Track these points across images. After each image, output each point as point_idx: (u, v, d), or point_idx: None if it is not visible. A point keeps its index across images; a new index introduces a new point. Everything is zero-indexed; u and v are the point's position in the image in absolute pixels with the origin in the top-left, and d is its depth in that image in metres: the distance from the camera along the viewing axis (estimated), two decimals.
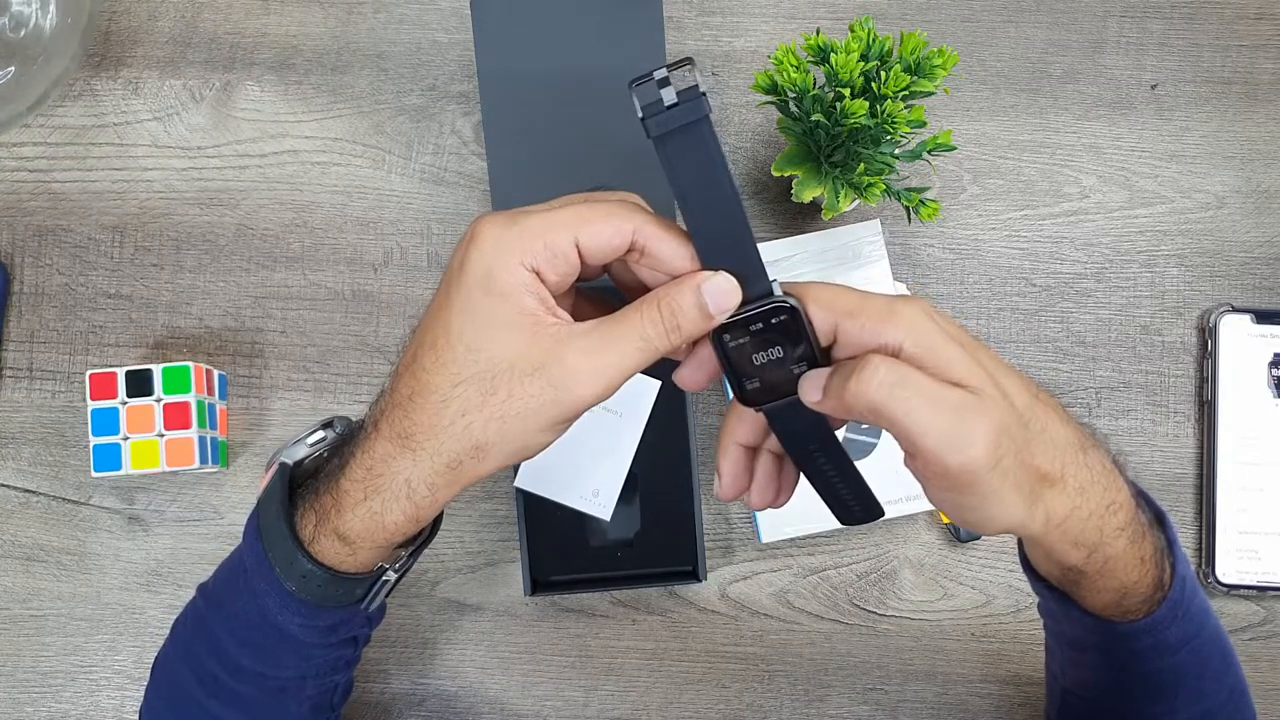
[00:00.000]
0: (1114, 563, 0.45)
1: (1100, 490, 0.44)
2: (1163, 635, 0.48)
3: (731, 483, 0.46)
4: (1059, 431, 0.43)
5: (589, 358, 0.42)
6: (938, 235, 0.76)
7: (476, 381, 0.42)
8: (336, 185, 0.75)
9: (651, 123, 0.40)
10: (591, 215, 0.42)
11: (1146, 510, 0.48)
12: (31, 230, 0.75)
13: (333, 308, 0.75)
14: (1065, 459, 0.43)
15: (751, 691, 0.73)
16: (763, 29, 0.77)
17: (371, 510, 0.46)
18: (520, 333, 0.42)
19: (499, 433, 0.43)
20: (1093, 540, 0.44)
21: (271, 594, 0.50)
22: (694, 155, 0.40)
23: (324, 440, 0.54)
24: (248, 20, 0.76)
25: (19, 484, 0.74)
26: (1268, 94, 0.77)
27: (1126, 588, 0.47)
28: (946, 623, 0.74)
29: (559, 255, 0.42)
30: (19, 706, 0.73)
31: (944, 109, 0.76)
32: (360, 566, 0.49)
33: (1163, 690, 0.51)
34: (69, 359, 0.75)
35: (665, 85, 0.40)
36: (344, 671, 0.56)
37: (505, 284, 0.42)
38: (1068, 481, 0.43)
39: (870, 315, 0.41)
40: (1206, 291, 0.76)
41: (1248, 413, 0.73)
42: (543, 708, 0.73)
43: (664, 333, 0.42)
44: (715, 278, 0.42)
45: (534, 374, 0.42)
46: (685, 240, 0.43)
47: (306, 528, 0.49)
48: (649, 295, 0.43)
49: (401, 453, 0.44)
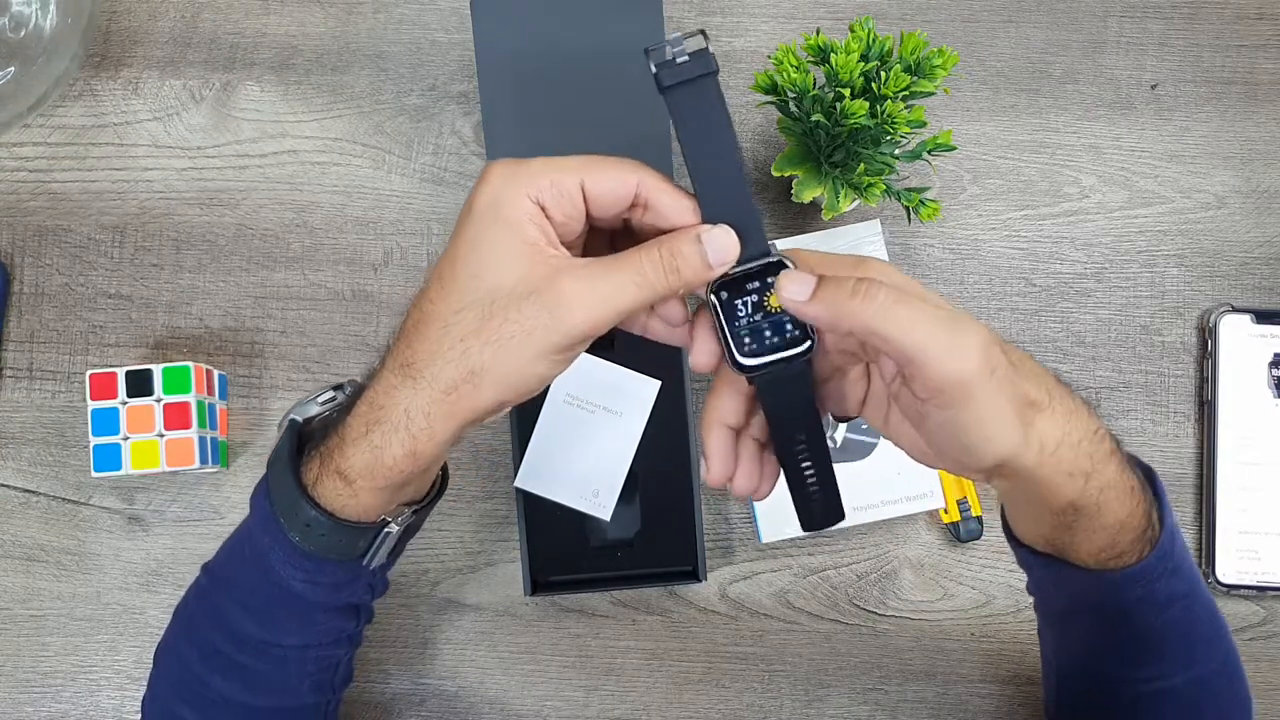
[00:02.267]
0: (1108, 492, 0.46)
1: (1085, 417, 0.46)
2: (1152, 587, 0.49)
3: (720, 465, 0.47)
4: (1031, 366, 0.45)
5: (585, 285, 0.43)
6: (938, 235, 0.76)
7: (476, 307, 0.43)
8: (336, 185, 0.76)
9: (664, 73, 0.42)
10: (598, 163, 0.44)
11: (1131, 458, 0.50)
12: (31, 230, 0.75)
13: (333, 308, 0.75)
14: (1049, 385, 0.45)
15: (751, 691, 0.73)
16: (763, 29, 0.77)
17: (372, 444, 0.47)
18: (520, 259, 0.43)
19: (494, 357, 0.43)
20: (1085, 467, 0.45)
21: (276, 549, 0.50)
22: (702, 108, 0.43)
23: (334, 400, 0.55)
24: (248, 20, 0.76)
25: (19, 484, 0.74)
26: (1268, 94, 0.77)
27: (1121, 522, 0.47)
28: (946, 623, 0.74)
29: (564, 194, 0.43)
30: (19, 706, 0.73)
31: (944, 109, 0.76)
32: (362, 511, 0.49)
33: (1151, 650, 0.51)
34: (69, 359, 0.75)
35: (678, 46, 0.42)
36: (345, 647, 0.57)
37: (510, 213, 0.43)
38: (1055, 407, 0.44)
39: (843, 268, 0.44)
40: (1206, 291, 0.76)
41: (1248, 413, 0.73)
42: (543, 708, 0.73)
43: (663, 274, 0.43)
44: (717, 229, 0.43)
45: (528, 297, 0.43)
46: (687, 197, 0.44)
47: (310, 472, 0.49)
48: (651, 240, 0.44)
49: (403, 382, 0.45)
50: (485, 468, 0.74)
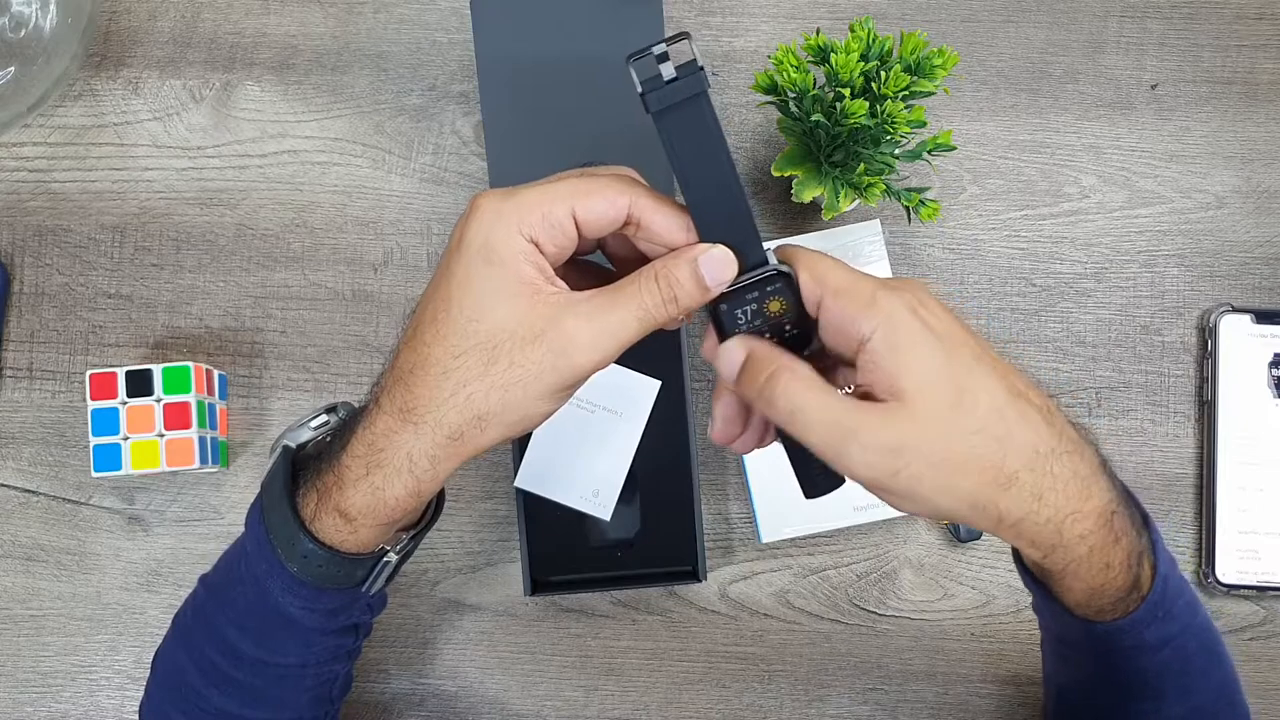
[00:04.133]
0: (1075, 565, 0.45)
1: (1061, 498, 0.43)
2: (1142, 635, 0.48)
3: (724, 427, 0.48)
4: (1025, 436, 0.43)
5: (588, 324, 0.43)
6: (938, 235, 0.76)
7: (477, 352, 0.43)
8: (336, 185, 0.76)
9: (651, 98, 0.41)
10: (588, 188, 0.43)
11: (1135, 513, 0.48)
12: (31, 230, 0.75)
13: (333, 308, 0.75)
14: (1021, 464, 0.42)
15: (751, 691, 0.73)
16: (763, 29, 0.77)
17: (373, 485, 0.46)
18: (519, 300, 0.42)
19: (500, 402, 0.43)
20: (1049, 542, 0.44)
21: (273, 576, 0.50)
22: (692, 129, 0.41)
23: (327, 424, 0.54)
24: (248, 20, 0.76)
25: (19, 484, 0.74)
26: (1268, 94, 0.77)
27: (1093, 589, 0.47)
28: (946, 623, 0.74)
29: (556, 226, 0.43)
30: (19, 706, 0.73)
31: (944, 109, 0.76)
32: (361, 546, 0.49)
33: (1148, 688, 0.51)
34: (69, 359, 0.75)
35: (664, 60, 0.40)
36: (344, 662, 0.56)
37: (504, 253, 0.42)
38: (1022, 488, 0.42)
39: (852, 299, 0.43)
40: (1206, 291, 0.76)
41: (1248, 413, 0.73)
42: (543, 708, 0.73)
43: (661, 303, 0.43)
44: (712, 250, 0.43)
45: (534, 341, 0.42)
46: (681, 213, 0.43)
47: (308, 507, 0.49)
48: (647, 266, 0.44)
49: (403, 427, 0.45)
50: (485, 468, 0.74)
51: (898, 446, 0.41)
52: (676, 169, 0.42)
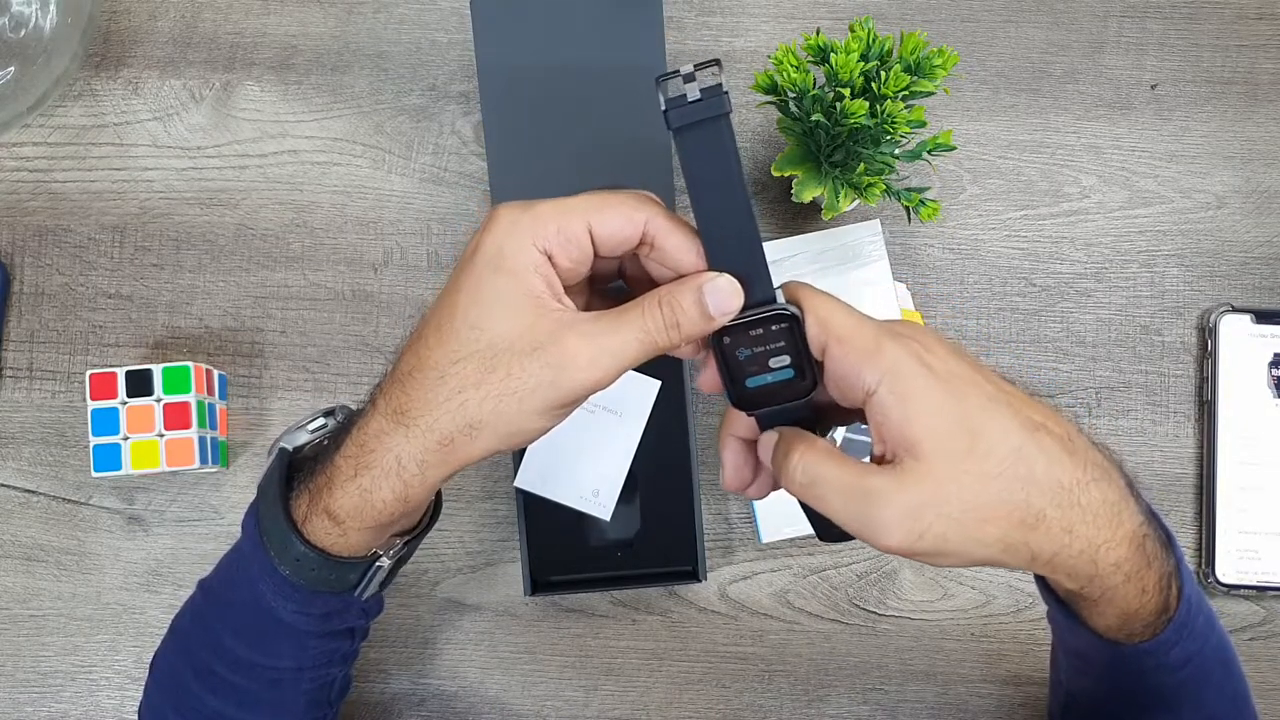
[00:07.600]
0: (1112, 593, 0.45)
1: (1092, 529, 0.43)
2: (1166, 656, 0.48)
3: (734, 474, 0.47)
4: (1047, 472, 0.42)
5: (589, 343, 0.42)
6: (938, 235, 0.76)
7: (476, 359, 0.43)
8: (336, 185, 0.76)
9: (673, 114, 0.41)
10: (605, 203, 0.43)
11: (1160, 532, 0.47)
12: (31, 230, 0.75)
13: (333, 308, 0.75)
14: (1046, 501, 0.42)
15: (751, 691, 0.73)
16: (763, 29, 0.77)
17: (361, 487, 0.46)
18: (523, 313, 0.42)
19: (494, 412, 0.43)
20: (1086, 573, 0.44)
21: (266, 579, 0.50)
22: (710, 151, 0.41)
23: (324, 428, 0.54)
24: (248, 20, 0.76)
25: (19, 484, 0.74)
26: (1268, 94, 0.77)
27: (1128, 614, 0.46)
28: (946, 623, 0.74)
29: (572, 240, 0.43)
30: (19, 706, 0.73)
31: (944, 109, 0.76)
32: (351, 549, 0.49)
33: (1166, 703, 0.50)
34: (69, 359, 0.75)
35: (690, 80, 0.40)
36: (341, 666, 0.56)
37: (515, 263, 0.42)
38: (1050, 524, 0.42)
39: (856, 347, 0.42)
40: (1206, 291, 0.76)
41: (1248, 413, 0.73)
42: (543, 708, 0.73)
43: (664, 328, 0.43)
44: (718, 279, 0.42)
45: (533, 354, 0.42)
46: (694, 237, 0.43)
47: (300, 508, 0.49)
48: (653, 291, 0.43)
49: (395, 429, 0.45)
50: (485, 468, 0.74)
51: (916, 508, 0.40)
52: (691, 190, 0.42)
